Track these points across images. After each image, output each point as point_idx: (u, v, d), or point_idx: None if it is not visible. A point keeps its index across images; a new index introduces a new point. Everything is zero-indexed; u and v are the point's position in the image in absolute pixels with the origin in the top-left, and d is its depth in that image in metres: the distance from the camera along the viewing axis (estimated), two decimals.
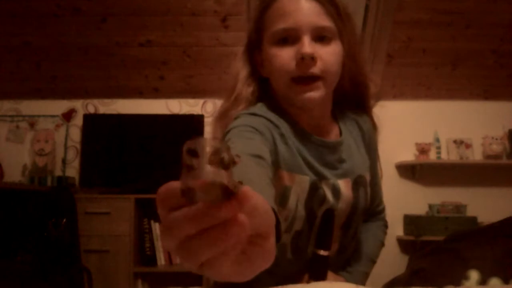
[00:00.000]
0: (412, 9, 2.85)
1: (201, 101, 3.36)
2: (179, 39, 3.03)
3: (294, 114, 0.88)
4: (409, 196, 3.29)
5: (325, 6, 0.81)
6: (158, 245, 2.90)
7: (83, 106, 3.35)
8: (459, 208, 3.12)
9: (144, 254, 2.89)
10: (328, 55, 0.81)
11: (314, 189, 0.85)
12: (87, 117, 3.25)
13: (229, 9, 2.89)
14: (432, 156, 3.27)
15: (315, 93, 0.81)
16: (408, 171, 3.32)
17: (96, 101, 3.36)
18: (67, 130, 3.32)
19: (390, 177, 3.31)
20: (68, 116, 3.34)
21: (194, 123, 3.19)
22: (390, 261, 3.15)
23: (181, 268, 2.82)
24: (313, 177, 0.85)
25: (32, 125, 3.32)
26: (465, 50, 3.09)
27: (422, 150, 3.23)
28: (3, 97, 3.34)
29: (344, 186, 0.89)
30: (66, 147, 3.29)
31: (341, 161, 0.90)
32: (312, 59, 0.78)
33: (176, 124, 3.22)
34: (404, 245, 3.23)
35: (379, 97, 0.98)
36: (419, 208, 3.23)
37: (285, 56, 0.80)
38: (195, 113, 3.29)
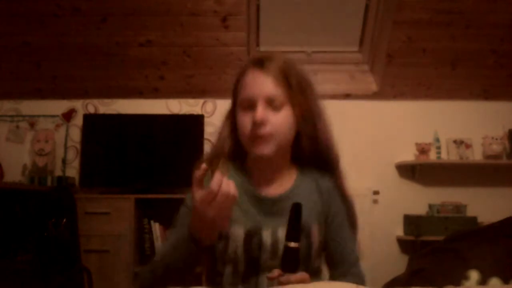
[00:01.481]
0: (412, 9, 2.85)
1: (201, 101, 3.36)
2: (179, 39, 3.03)
3: (251, 169, 1.08)
4: (409, 196, 3.29)
5: (277, 79, 1.00)
6: (158, 245, 2.90)
7: (83, 106, 3.35)
8: (459, 208, 3.12)
9: (144, 254, 2.89)
10: (277, 119, 1.00)
11: (250, 237, 1.01)
12: (87, 117, 3.25)
13: (229, 9, 2.89)
14: (432, 156, 3.27)
15: (266, 148, 1.00)
16: (408, 171, 3.32)
17: (96, 101, 3.36)
18: (67, 130, 3.32)
19: (390, 177, 3.32)
20: (68, 116, 3.34)
21: (194, 123, 3.19)
22: (390, 261, 3.15)
23: None
24: (250, 226, 1.01)
25: (32, 125, 3.32)
26: (465, 50, 3.09)
27: (422, 150, 3.23)
28: (3, 97, 3.34)
29: (284, 233, 0.96)
30: (66, 147, 3.29)
31: (283, 211, 0.99)
32: (263, 123, 0.97)
33: (176, 124, 3.22)
34: (404, 245, 3.23)
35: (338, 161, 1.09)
36: (419, 208, 3.23)
37: (245, 120, 1.01)
38: (195, 113, 3.29)
